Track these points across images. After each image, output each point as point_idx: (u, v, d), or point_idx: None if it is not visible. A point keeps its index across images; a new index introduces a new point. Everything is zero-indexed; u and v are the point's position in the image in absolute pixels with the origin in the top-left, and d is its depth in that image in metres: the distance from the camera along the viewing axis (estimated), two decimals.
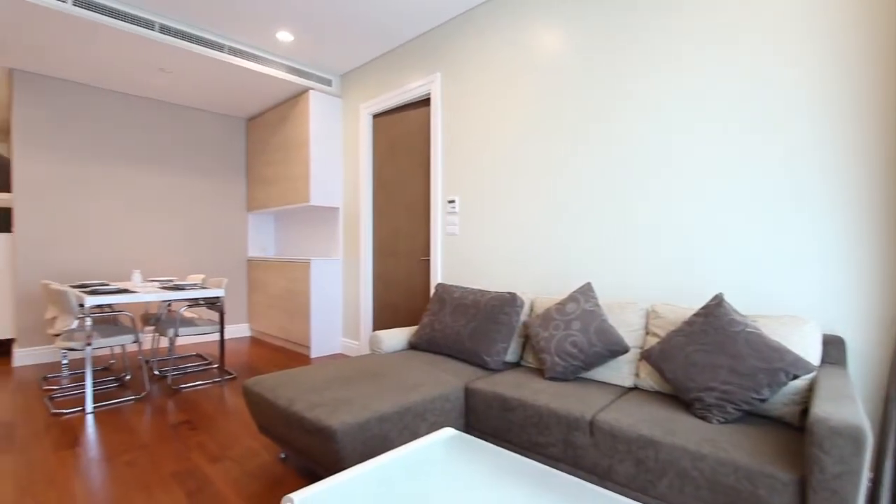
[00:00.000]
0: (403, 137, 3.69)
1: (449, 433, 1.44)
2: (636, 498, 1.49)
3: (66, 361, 3.52)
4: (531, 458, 1.81)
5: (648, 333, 2.06)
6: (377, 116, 3.95)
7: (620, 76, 2.35)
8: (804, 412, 1.54)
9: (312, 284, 4.08)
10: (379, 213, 3.93)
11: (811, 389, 1.55)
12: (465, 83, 3.14)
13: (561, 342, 2.07)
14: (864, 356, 1.70)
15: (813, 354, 1.63)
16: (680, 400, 1.79)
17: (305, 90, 4.18)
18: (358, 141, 4.07)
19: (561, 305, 2.20)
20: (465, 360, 2.39)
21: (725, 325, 1.68)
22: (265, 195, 4.82)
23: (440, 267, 3.31)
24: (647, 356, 1.88)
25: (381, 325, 3.92)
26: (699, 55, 2.09)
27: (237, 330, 5.08)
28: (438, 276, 3.31)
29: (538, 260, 2.71)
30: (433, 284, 3.34)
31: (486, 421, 1.97)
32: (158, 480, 1.94)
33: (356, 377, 2.02)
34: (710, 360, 1.65)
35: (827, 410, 1.21)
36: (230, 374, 3.57)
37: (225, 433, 2.43)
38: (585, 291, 2.18)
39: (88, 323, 2.75)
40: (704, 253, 2.08)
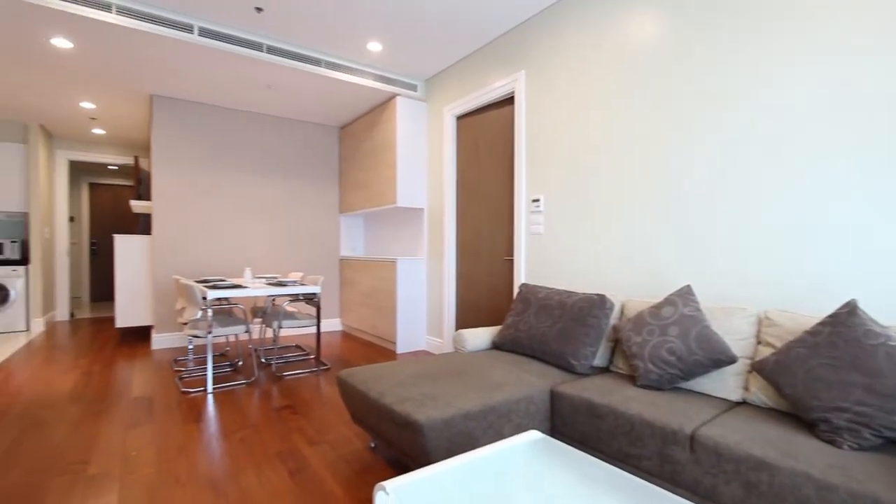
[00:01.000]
0: (486, 137, 3.70)
1: (535, 436, 1.42)
2: None
3: (191, 347, 4.03)
4: (622, 469, 1.71)
5: (760, 343, 1.85)
6: (460, 118, 4.00)
7: (728, 68, 2.14)
8: None
9: (398, 283, 4.25)
10: (462, 213, 3.98)
11: None
12: (549, 79, 3.06)
13: (656, 348, 1.93)
14: None
15: None
16: (800, 419, 1.58)
17: (392, 96, 4.36)
18: (442, 143, 4.16)
19: (656, 309, 2.06)
20: (550, 362, 2.34)
21: (860, 336, 1.45)
22: (356, 198, 5.12)
23: (524, 267, 3.27)
24: (759, 368, 1.69)
25: (463, 323, 3.96)
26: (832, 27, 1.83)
27: (330, 324, 5.45)
28: (522, 276, 3.27)
29: (628, 261, 2.56)
30: (516, 284, 3.30)
31: (572, 426, 1.90)
32: (265, 458, 2.14)
33: (441, 374, 2.06)
34: (839, 376, 1.44)
35: None
36: (325, 365, 3.84)
37: (321, 419, 2.62)
38: (684, 294, 2.02)
39: (209, 314, 3.13)
40: (828, 255, 1.81)
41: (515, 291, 3.33)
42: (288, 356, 4.12)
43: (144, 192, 5.87)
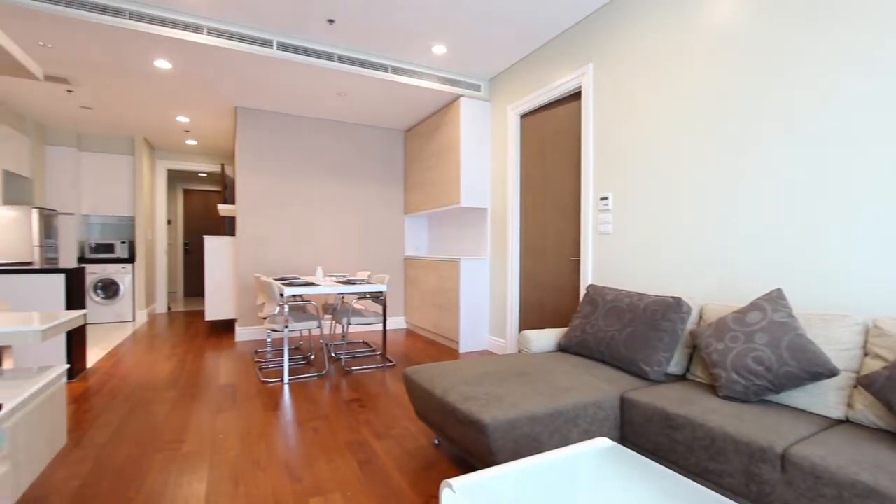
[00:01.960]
0: (551, 135, 3.62)
1: (605, 444, 1.36)
2: None
3: (269, 339, 4.32)
4: (701, 484, 1.60)
5: (868, 355, 1.65)
6: (525, 116, 3.95)
7: (828, 59, 1.93)
8: None
9: (462, 283, 4.27)
10: (526, 212, 3.92)
11: None
12: (619, 72, 2.93)
13: (740, 357, 1.78)
14: None
15: None
16: None
17: (456, 98, 4.40)
18: (506, 142, 4.13)
19: (740, 314, 1.90)
20: (619, 367, 2.24)
21: None
22: (420, 199, 5.22)
23: (591, 267, 3.16)
24: (867, 383, 1.50)
25: (527, 324, 3.90)
26: None
27: (395, 322, 5.60)
28: (589, 276, 3.16)
29: (707, 262, 2.39)
30: (583, 285, 3.19)
31: (644, 435, 1.80)
32: (336, 447, 2.25)
33: (506, 375, 2.05)
34: None
35: None
36: (390, 361, 3.95)
37: (387, 414, 2.70)
38: (774, 299, 1.84)
39: (286, 309, 3.34)
40: None
41: (582, 293, 3.22)
42: (356, 352, 4.30)
43: (230, 196, 6.39)
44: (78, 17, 2.90)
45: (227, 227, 6.86)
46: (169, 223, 8.50)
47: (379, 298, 3.85)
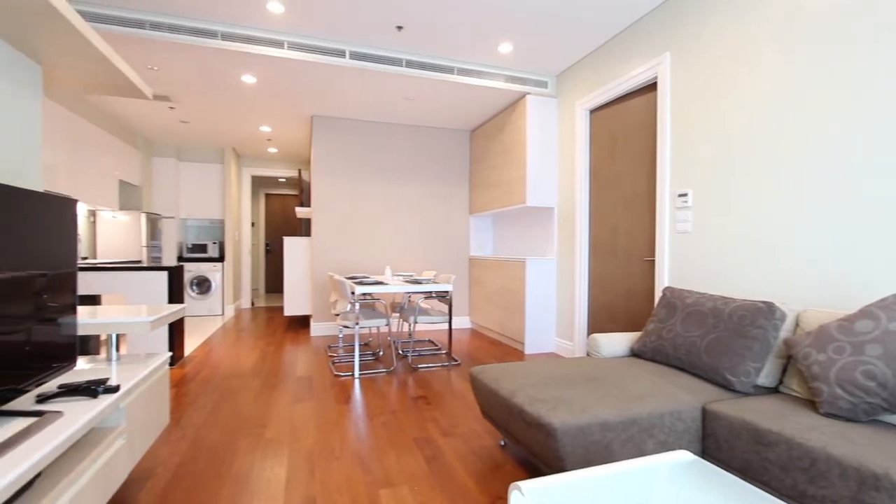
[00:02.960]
0: (623, 130, 3.46)
1: (686, 457, 1.28)
2: None
3: (341, 335, 4.53)
4: None
5: None
6: (594, 111, 3.81)
7: None
8: None
9: (528, 283, 4.21)
10: (596, 211, 3.77)
11: None
12: (700, 59, 2.73)
13: (846, 370, 1.59)
14: None
15: None
16: None
17: (523, 95, 4.34)
18: (574, 139, 4.00)
19: (846, 322, 1.70)
20: (700, 376, 2.08)
21: None
22: (485, 199, 5.21)
23: (667, 268, 2.97)
24: None
25: (596, 327, 3.76)
26: None
27: (460, 322, 5.64)
28: (665, 278, 2.98)
29: (802, 263, 2.15)
30: (658, 288, 3.02)
31: (729, 451, 1.67)
32: (404, 442, 2.31)
33: (575, 378, 1.99)
34: None
35: None
36: (456, 360, 3.98)
37: (453, 412, 2.72)
38: (890, 306, 1.62)
39: (357, 307, 3.48)
40: None
41: (657, 295, 3.04)
42: (422, 350, 4.38)
43: (306, 199, 6.80)
44: (179, 41, 3.23)
45: (303, 228, 7.30)
46: (252, 225, 9.22)
47: (445, 298, 3.90)
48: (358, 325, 3.47)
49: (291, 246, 5.56)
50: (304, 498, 1.80)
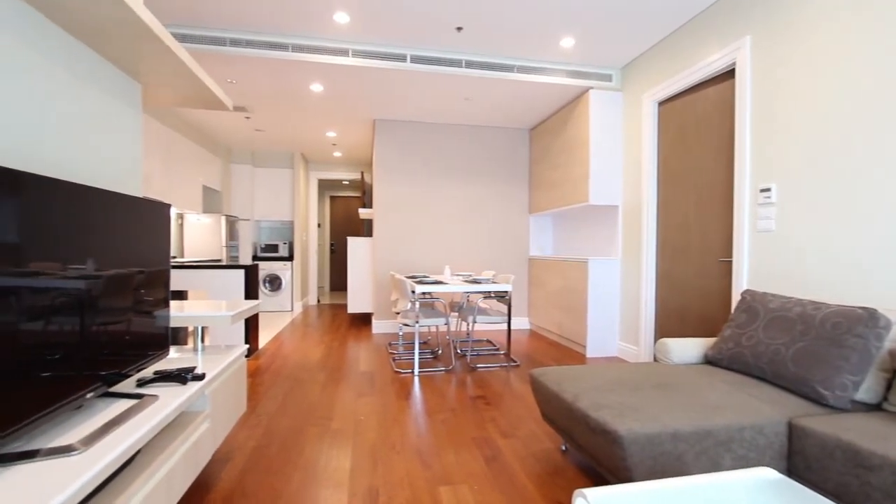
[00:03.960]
0: (695, 121, 3.24)
1: (770, 475, 1.18)
2: None
3: (401, 333, 4.64)
4: None
5: None
6: (662, 103, 3.60)
7: None
8: None
9: (590, 284, 4.07)
10: (664, 209, 3.57)
11: None
12: (785, 41, 2.50)
13: None
14: None
15: None
16: None
17: (585, 90, 4.20)
18: (640, 133, 3.82)
19: None
20: (785, 387, 1.91)
21: None
22: (545, 198, 5.11)
23: (746, 270, 2.75)
24: None
25: (664, 332, 3.56)
26: None
27: (518, 322, 5.57)
28: (744, 281, 2.76)
29: None
30: (736, 291, 2.80)
31: (821, 472, 1.51)
32: (463, 441, 2.32)
33: (642, 384, 1.90)
34: None
35: None
36: (515, 361, 3.94)
37: (512, 413, 2.70)
38: None
39: (417, 306, 3.55)
40: None
41: (735, 299, 2.82)
42: (480, 350, 4.38)
43: (368, 201, 7.04)
44: (255, 55, 3.47)
45: (365, 229, 7.56)
46: (318, 226, 9.68)
47: (504, 298, 3.87)
48: (418, 323, 3.54)
49: (355, 246, 5.77)
50: (367, 489, 1.86)
